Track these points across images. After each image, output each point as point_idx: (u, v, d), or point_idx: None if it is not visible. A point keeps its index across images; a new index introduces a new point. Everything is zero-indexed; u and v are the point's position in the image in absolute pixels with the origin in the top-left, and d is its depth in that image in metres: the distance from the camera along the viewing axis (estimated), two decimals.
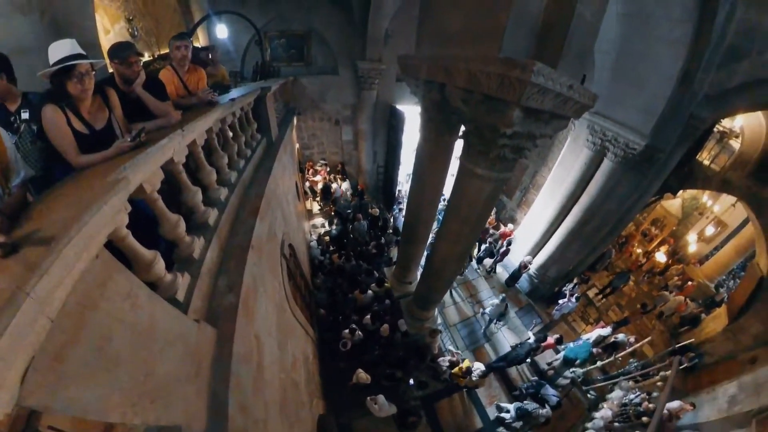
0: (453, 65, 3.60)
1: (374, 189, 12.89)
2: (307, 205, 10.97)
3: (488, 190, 4.48)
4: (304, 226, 9.36)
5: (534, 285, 10.33)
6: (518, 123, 3.24)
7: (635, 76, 6.52)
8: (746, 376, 8.28)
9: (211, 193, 2.91)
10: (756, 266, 10.53)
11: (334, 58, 10.34)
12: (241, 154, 3.98)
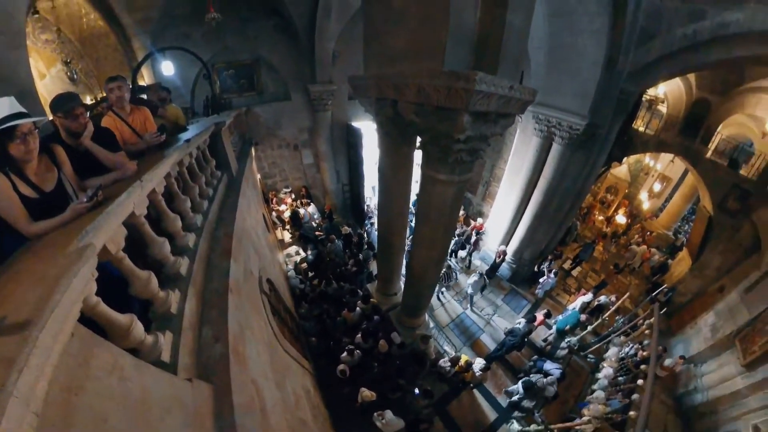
0: (402, 82, 3.84)
1: (342, 208, 12.84)
2: (278, 235, 10.68)
3: (453, 192, 4.71)
4: (279, 257, 9.08)
5: (513, 270, 10.81)
6: (469, 127, 3.50)
7: (567, 66, 7.26)
8: (719, 304, 9.37)
9: (178, 240, 2.77)
10: (703, 208, 12.02)
11: (285, 84, 10.36)
12: (204, 195, 3.83)
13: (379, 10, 4.16)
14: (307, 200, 11.82)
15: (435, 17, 3.28)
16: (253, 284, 4.05)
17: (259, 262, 4.84)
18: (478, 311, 9.59)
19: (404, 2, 3.66)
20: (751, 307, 8.18)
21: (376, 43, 4.46)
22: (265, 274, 5.06)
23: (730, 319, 8.72)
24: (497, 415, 7.03)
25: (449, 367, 6.83)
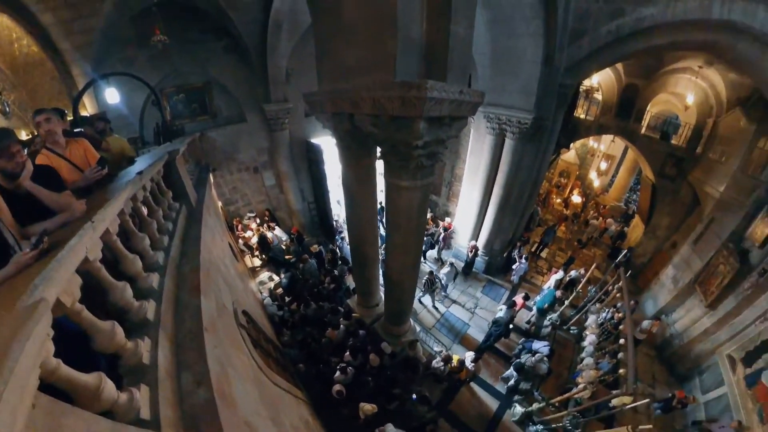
0: (357, 96, 3.89)
1: (311, 226, 12.57)
2: (247, 263, 10.21)
3: (418, 197, 4.83)
4: (251, 286, 8.67)
5: (487, 262, 11.25)
6: (426, 133, 3.65)
7: (510, 66, 7.87)
8: (675, 258, 10.72)
9: (141, 283, 2.54)
10: (646, 178, 13.63)
11: (239, 106, 10.06)
12: (163, 230, 3.58)
13: (329, 26, 4.20)
14: (273, 223, 11.45)
15: (383, 31, 3.37)
16: (228, 319, 3.82)
17: (231, 294, 4.59)
18: (462, 305, 9.84)
19: (353, 18, 3.72)
20: (702, 254, 9.53)
21: (329, 58, 4.49)
22: (240, 305, 4.80)
23: (687, 269, 9.93)
24: (499, 403, 7.26)
25: (443, 366, 6.85)
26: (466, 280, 10.97)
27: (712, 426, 6.69)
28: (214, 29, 8.63)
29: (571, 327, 9.38)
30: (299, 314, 7.88)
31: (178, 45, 8.05)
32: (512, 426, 6.83)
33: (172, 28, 7.14)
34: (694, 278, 9.47)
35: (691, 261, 9.94)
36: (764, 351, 6.75)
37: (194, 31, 8.49)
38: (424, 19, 3.46)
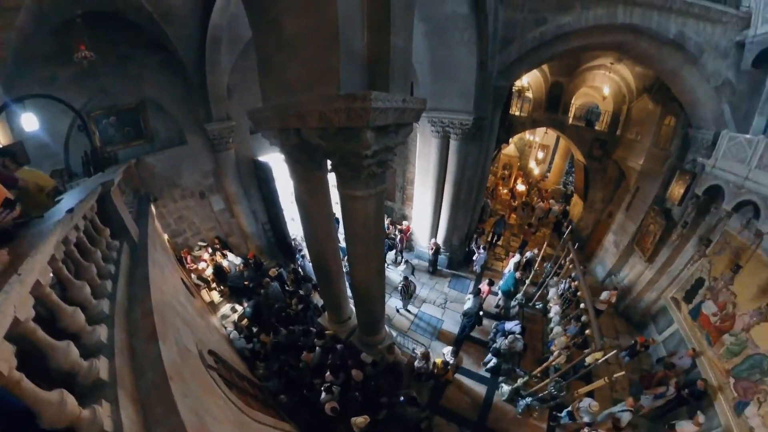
0: (303, 110, 3.88)
1: (268, 248, 11.99)
2: (204, 297, 9.46)
3: (373, 205, 4.90)
4: (213, 322, 8.04)
5: (449, 258, 11.74)
6: (374, 142, 3.75)
7: (448, 73, 8.42)
8: (612, 225, 12.55)
9: (86, 339, 2.26)
10: (578, 161, 15.79)
11: (179, 127, 9.28)
12: (104, 274, 3.22)
13: (270, 41, 4.11)
14: (225, 250, 10.64)
15: (326, 45, 3.40)
16: (194, 362, 3.52)
17: (192, 334, 4.24)
18: (432, 303, 10.13)
19: (295, 32, 3.69)
20: (634, 219, 11.30)
21: (272, 73, 4.39)
22: (205, 345, 4.45)
23: (624, 233, 11.73)
24: (487, 387, 7.56)
25: (425, 364, 6.90)
26: (432, 278, 11.30)
27: (673, 358, 7.76)
28: (147, 43, 7.84)
29: (536, 303, 10.27)
30: (272, 343, 7.43)
31: (107, 61, 7.32)
32: (504, 405, 7.19)
33: (99, 43, 6.42)
34: (631, 240, 11.20)
35: (626, 226, 11.74)
36: (699, 287, 8.20)
37: (125, 45, 7.68)
38: (365, 32, 3.55)
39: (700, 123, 8.80)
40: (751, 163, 6.85)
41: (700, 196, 8.42)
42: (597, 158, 14.10)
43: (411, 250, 12.57)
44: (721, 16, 7.48)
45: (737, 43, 7.57)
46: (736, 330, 6.86)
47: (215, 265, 9.77)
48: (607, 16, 7.71)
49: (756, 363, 6.23)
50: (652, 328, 9.53)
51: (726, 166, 7.54)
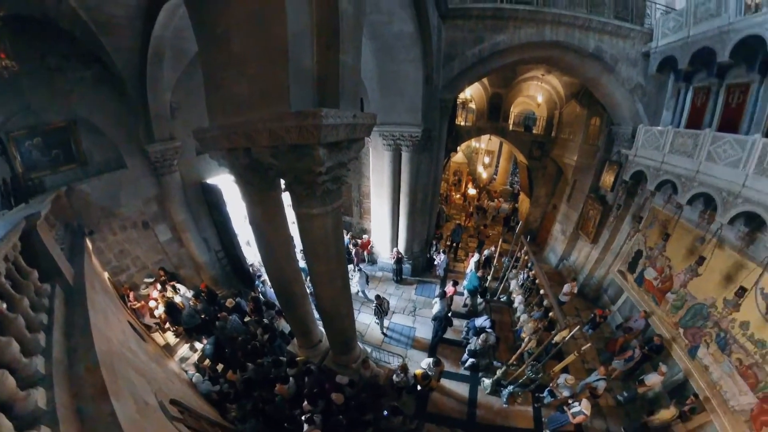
0: (253, 129, 3.77)
1: (224, 278, 11.07)
2: (158, 340, 8.42)
3: (331, 222, 4.86)
4: (172, 367, 7.16)
5: (412, 265, 11.97)
6: (327, 158, 3.77)
7: (396, 88, 8.83)
8: (558, 216, 14.03)
9: (20, 408, 1.94)
10: (521, 162, 17.79)
11: (116, 149, 8.22)
12: (35, 326, 2.80)
13: (218, 57, 3.94)
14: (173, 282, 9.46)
15: (275, 62, 3.36)
16: (155, 416, 3.17)
17: (149, 384, 3.80)
18: (402, 312, 10.17)
19: (244, 49, 3.59)
20: (575, 207, 12.84)
21: (220, 91, 4.19)
22: (165, 395, 4.01)
23: (568, 221, 13.27)
24: (469, 385, 7.76)
25: (404, 377, 6.80)
26: (398, 288, 11.38)
27: (629, 322, 8.85)
28: (80, 54, 6.91)
29: (500, 296, 10.89)
30: (240, 381, 6.76)
31: (32, 73, 6.36)
32: (488, 399, 7.46)
33: (22, 52, 5.55)
34: (576, 226, 12.68)
35: (570, 214, 13.32)
36: (639, 258, 9.59)
37: (54, 55, 6.70)
38: (315, 50, 3.57)
39: (620, 120, 10.31)
40: (665, 149, 8.26)
41: (628, 181, 9.89)
42: (537, 158, 15.80)
43: (374, 263, 12.55)
44: (630, 32, 9.08)
45: (644, 53, 9.24)
46: (675, 288, 8.07)
47: (167, 302, 8.76)
48: (537, 34, 8.95)
49: (697, 311, 7.33)
50: (606, 300, 10.83)
51: (645, 154, 9.00)
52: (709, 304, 7.06)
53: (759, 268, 6.02)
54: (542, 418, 7.06)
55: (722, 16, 7.06)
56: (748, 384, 5.91)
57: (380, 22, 7.41)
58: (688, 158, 7.50)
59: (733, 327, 6.42)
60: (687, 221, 8.03)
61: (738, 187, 6.18)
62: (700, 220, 7.64)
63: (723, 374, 6.39)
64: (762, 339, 5.82)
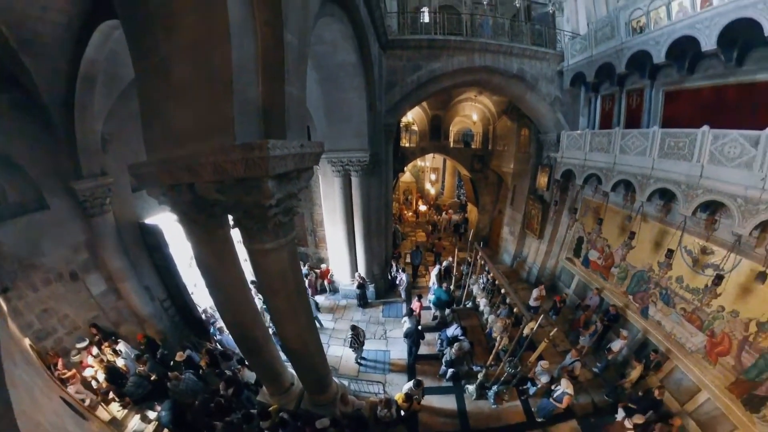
0: (196, 163, 3.54)
1: (173, 329, 9.76)
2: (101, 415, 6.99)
3: (287, 256, 4.64)
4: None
5: (376, 288, 11.94)
6: (276, 190, 3.66)
7: (342, 115, 9.10)
8: (505, 219, 16.33)
9: None
10: (464, 176, 19.32)
11: (36, 186, 6.91)
12: None
13: (157, 87, 3.68)
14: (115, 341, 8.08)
15: (219, 93, 3.25)
16: None
17: None
18: (372, 337, 9.90)
19: (185, 78, 3.41)
20: (519, 209, 14.44)
21: (159, 122, 3.86)
22: None
23: (514, 222, 14.85)
24: (455, 395, 7.81)
25: (387, 412, 6.51)
26: (365, 313, 11.17)
27: (586, 301, 9.97)
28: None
29: (465, 302, 11.32)
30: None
31: None
32: (477, 404, 7.60)
33: None
34: (522, 226, 14.17)
35: (515, 216, 14.86)
36: (581, 244, 11.09)
37: None
38: (260, 81, 3.55)
39: (545, 129, 11.90)
40: (586, 149, 9.81)
41: (560, 180, 11.40)
42: (478, 170, 17.39)
43: (335, 292, 12.24)
44: (545, 55, 10.87)
45: (558, 71, 11.02)
46: (617, 263, 9.50)
47: (107, 368, 7.36)
48: (467, 61, 10.28)
49: (639, 277, 8.72)
50: (561, 286, 12.06)
51: (570, 154, 10.54)
52: (647, 269, 8.44)
53: (678, 231, 7.38)
54: (532, 408, 7.42)
55: (616, 38, 8.82)
56: (695, 326, 7.10)
57: (324, 52, 7.64)
58: (606, 153, 8.95)
59: (671, 283, 7.75)
60: (614, 205, 9.63)
61: (648, 170, 7.57)
62: (624, 202, 9.26)
63: (674, 324, 7.59)
64: (696, 287, 7.13)
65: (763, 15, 5.61)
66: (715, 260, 6.74)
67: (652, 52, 7.83)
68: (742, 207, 5.77)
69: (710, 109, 7.44)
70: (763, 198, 5.40)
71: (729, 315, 6.46)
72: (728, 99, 7.21)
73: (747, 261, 6.18)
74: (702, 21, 6.65)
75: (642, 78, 8.89)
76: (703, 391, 6.73)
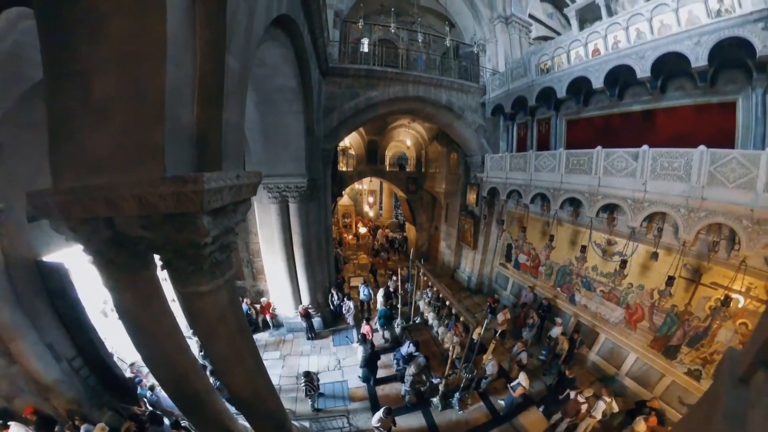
0: (116, 195, 2.98)
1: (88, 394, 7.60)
2: None
3: (225, 297, 4.13)
4: None
5: (322, 317, 11.53)
6: (212, 226, 3.30)
7: (279, 139, 8.89)
8: (441, 235, 17.01)
9: None
10: (401, 197, 20.66)
11: None
12: None
13: (72, 98, 3.02)
14: None
15: (148, 117, 2.84)
16: None
17: None
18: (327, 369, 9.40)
19: (108, 94, 2.90)
20: (453, 225, 15.73)
21: (71, 142, 3.03)
22: None
23: (450, 237, 16.24)
24: (421, 411, 7.90)
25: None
26: (314, 345, 10.59)
27: (522, 299, 11.33)
28: None
29: (414, 319, 11.61)
30: None
31: None
32: (444, 414, 7.84)
33: None
34: (457, 240, 15.45)
35: (450, 231, 16.26)
36: (511, 250, 12.73)
37: None
38: (195, 105, 3.25)
39: (471, 152, 13.40)
40: (506, 169, 11.31)
41: (486, 197, 12.82)
42: (414, 192, 18.70)
43: (279, 326, 11.41)
44: (470, 88, 12.41)
45: (481, 103, 12.79)
46: (543, 262, 11.20)
47: None
48: (402, 91, 11.24)
49: (562, 271, 10.43)
50: (498, 290, 13.50)
51: (494, 174, 12.03)
52: (568, 264, 10.20)
53: (587, 230, 9.23)
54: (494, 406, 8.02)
55: (528, 76, 10.72)
56: (614, 303, 8.81)
57: (264, 75, 7.46)
58: (523, 172, 10.49)
59: (589, 272, 9.51)
60: (534, 214, 11.32)
61: (558, 184, 9.17)
62: (542, 211, 10.91)
63: (597, 305, 9.28)
64: (608, 272, 8.90)
65: (636, 62, 7.58)
66: (619, 249, 8.55)
67: (556, 88, 9.79)
68: (631, 206, 7.42)
69: (602, 133, 9.58)
70: (646, 198, 7.13)
71: (637, 289, 8.22)
72: (614, 125, 9.42)
73: (642, 246, 8.00)
74: (593, 65, 8.69)
75: (549, 109, 10.93)
76: (631, 353, 8.24)
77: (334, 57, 10.79)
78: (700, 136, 6.83)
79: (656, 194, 6.90)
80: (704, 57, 6.42)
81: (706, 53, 6.38)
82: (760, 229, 5.44)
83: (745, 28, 5.79)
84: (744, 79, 6.66)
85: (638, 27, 7.55)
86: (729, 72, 6.85)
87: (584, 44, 8.86)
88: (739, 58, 6.35)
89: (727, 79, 6.94)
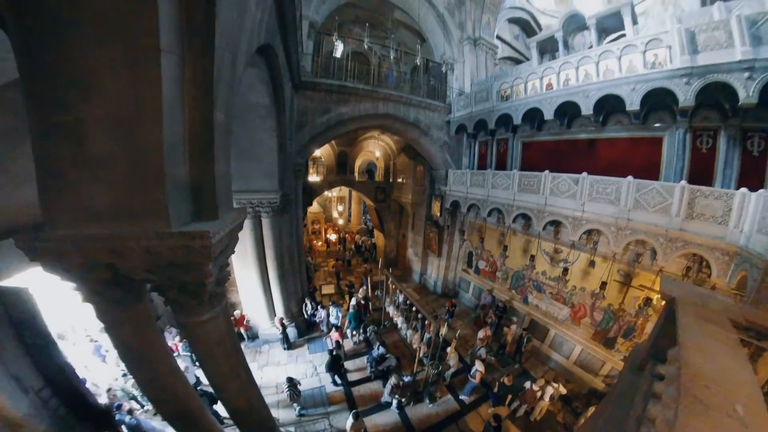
0: (122, 245, 3.13)
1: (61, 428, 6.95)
2: None
3: (222, 324, 4.48)
4: None
5: (297, 327, 11.73)
6: (215, 269, 3.62)
7: (252, 155, 8.96)
8: (408, 242, 18.62)
9: None
10: (369, 205, 21.25)
11: None
12: None
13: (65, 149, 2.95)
14: None
15: (147, 174, 2.98)
16: None
17: None
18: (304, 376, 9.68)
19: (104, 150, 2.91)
20: (419, 233, 16.76)
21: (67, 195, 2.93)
22: None
23: (417, 245, 17.32)
24: (398, 411, 8.36)
25: None
26: (291, 354, 10.81)
27: (481, 301, 12.73)
28: None
29: (384, 323, 12.30)
30: None
31: None
32: (417, 409, 8.48)
33: None
34: (423, 247, 16.41)
35: (416, 239, 17.27)
36: (472, 257, 14.12)
37: None
38: (187, 160, 3.43)
39: (436, 166, 14.26)
40: (467, 184, 12.36)
41: (449, 208, 13.81)
42: (382, 200, 19.40)
43: (254, 338, 11.53)
44: (437, 107, 13.21)
45: (447, 121, 13.71)
46: (499, 267, 12.57)
47: None
48: (373, 108, 11.74)
49: (516, 275, 11.88)
50: (462, 294, 14.84)
51: (456, 188, 13.03)
52: (521, 269, 11.58)
53: (536, 240, 10.65)
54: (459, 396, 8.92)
55: (490, 101, 11.67)
56: (561, 303, 10.19)
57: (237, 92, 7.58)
58: (482, 188, 11.52)
59: (539, 276, 10.88)
60: (492, 225, 12.64)
61: (512, 201, 10.29)
62: (498, 223, 12.04)
63: (547, 305, 10.64)
64: (555, 276, 10.28)
65: (582, 100, 8.72)
66: (564, 256, 10.00)
67: (513, 116, 10.85)
68: (572, 223, 8.57)
69: (553, 155, 10.86)
70: (584, 216, 8.34)
71: (579, 291, 9.65)
72: (563, 149, 10.70)
73: (584, 254, 9.40)
74: (546, 99, 9.77)
75: (507, 131, 12.07)
76: (577, 345, 9.62)
77: (307, 69, 10.90)
78: (634, 164, 8.28)
79: (592, 214, 8.08)
80: (637, 102, 7.60)
81: (638, 99, 7.55)
82: (673, 245, 6.73)
83: (672, 81, 6.96)
84: (670, 119, 7.98)
85: (587, 69, 8.64)
86: (659, 112, 8.17)
87: (540, 77, 9.91)
88: (667, 103, 7.63)
89: (657, 118, 8.27)
